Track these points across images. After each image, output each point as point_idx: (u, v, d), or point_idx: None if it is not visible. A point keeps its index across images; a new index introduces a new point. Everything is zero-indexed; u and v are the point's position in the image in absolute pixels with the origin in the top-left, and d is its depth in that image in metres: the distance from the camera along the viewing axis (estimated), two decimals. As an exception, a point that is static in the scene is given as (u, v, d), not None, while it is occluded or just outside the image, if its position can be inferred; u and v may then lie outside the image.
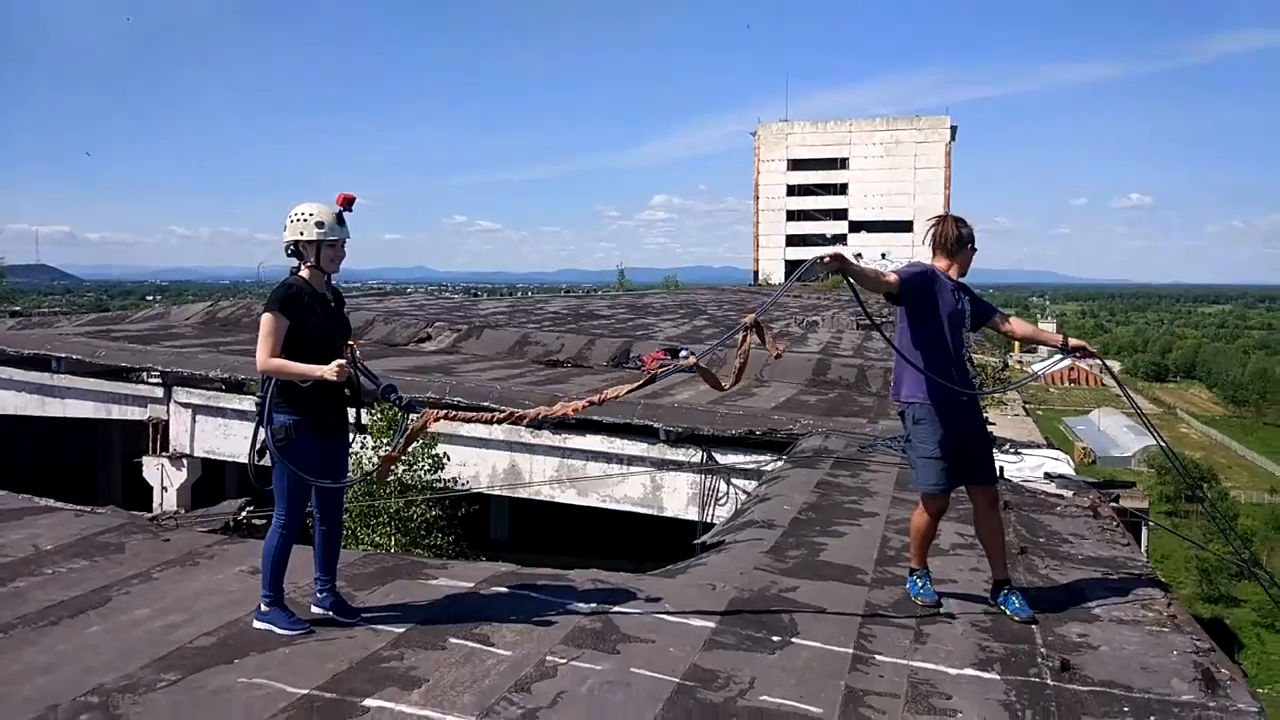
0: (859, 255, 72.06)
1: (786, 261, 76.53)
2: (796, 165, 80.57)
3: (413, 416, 4.62)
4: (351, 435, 4.57)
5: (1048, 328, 8.22)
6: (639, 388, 4.87)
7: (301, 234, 4.30)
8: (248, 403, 12.93)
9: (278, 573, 4.40)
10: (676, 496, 10.68)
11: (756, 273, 78.13)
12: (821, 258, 4.75)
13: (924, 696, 3.99)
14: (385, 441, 9.55)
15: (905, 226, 74.52)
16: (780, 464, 9.26)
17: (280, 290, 4.31)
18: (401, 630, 4.45)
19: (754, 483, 9.32)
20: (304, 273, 4.38)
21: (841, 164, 79.53)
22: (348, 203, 4.38)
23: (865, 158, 78.87)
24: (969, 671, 4.21)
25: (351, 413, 4.54)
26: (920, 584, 5.12)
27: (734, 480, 10.21)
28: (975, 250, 5.01)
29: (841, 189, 79.58)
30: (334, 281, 4.55)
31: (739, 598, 5.06)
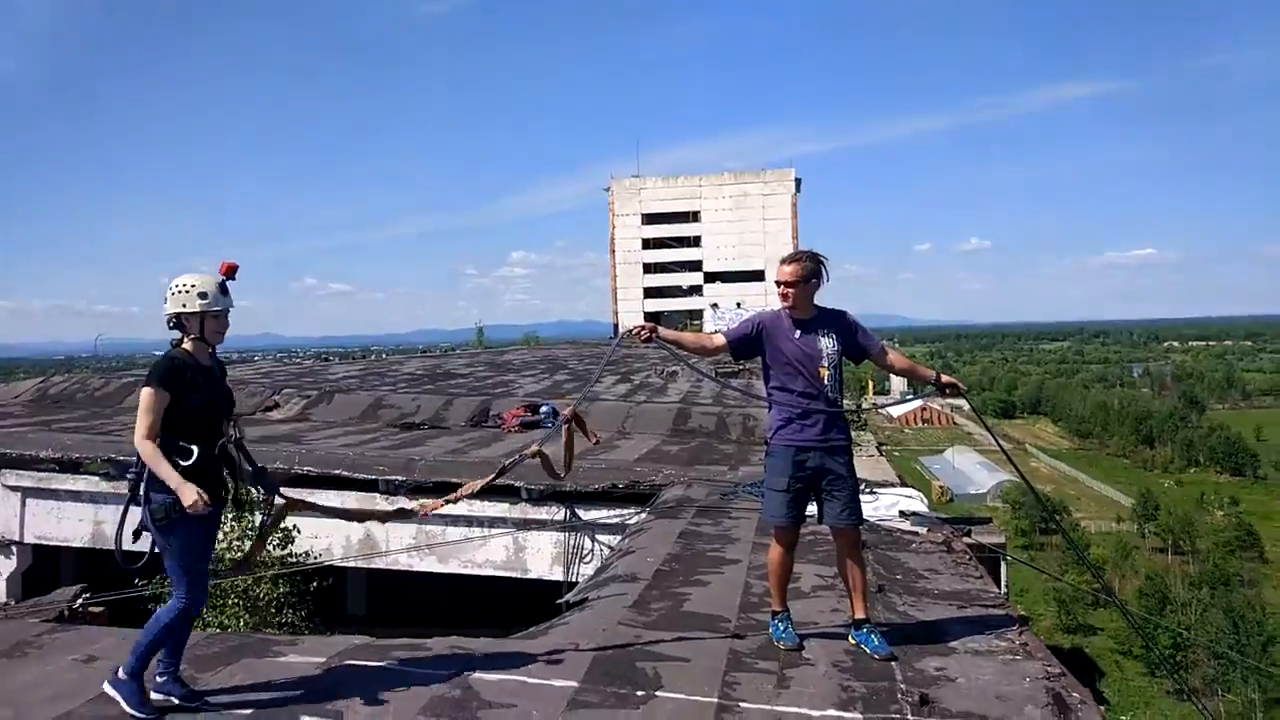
0: (715, 305, 73.86)
1: (645, 314, 77.57)
2: (650, 219, 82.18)
3: (279, 502, 4.50)
4: (228, 513, 4.45)
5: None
6: (492, 480, 5.05)
7: (184, 306, 4.22)
8: (83, 483, 12.12)
9: (156, 649, 4.16)
10: (540, 557, 10.52)
11: (616, 326, 78.79)
12: (631, 329, 4.98)
13: (788, 740, 4.05)
14: (249, 526, 9.08)
15: (758, 276, 76.78)
16: (643, 516, 9.27)
17: (163, 363, 4.18)
18: (248, 713, 4.20)
19: (618, 537, 9.29)
20: (187, 345, 4.28)
21: (694, 217, 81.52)
22: (231, 271, 4.32)
23: (716, 210, 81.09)
24: (831, 712, 4.27)
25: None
26: (781, 627, 5.20)
27: (598, 536, 10.13)
28: (807, 284, 5.03)
29: (695, 241, 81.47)
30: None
31: (602, 655, 4.99)
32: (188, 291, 4.21)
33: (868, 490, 9.85)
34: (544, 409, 15.64)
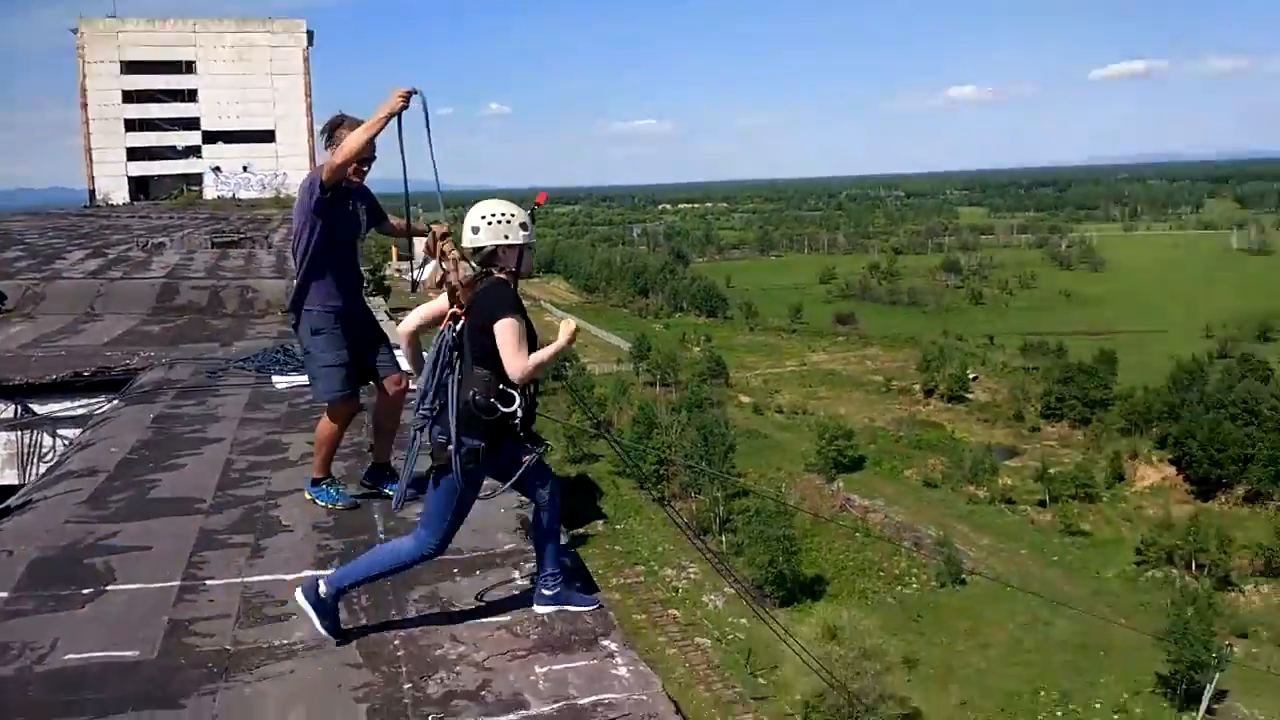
0: (217, 168, 67.78)
1: (130, 178, 68.81)
2: (133, 68, 71.58)
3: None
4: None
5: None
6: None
7: (506, 238, 3.73)
8: None
9: (373, 580, 3.87)
10: (-11, 461, 9.11)
11: (93, 193, 68.76)
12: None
13: (257, 609, 4.02)
14: None
15: (268, 136, 71.12)
16: (113, 405, 8.41)
17: (510, 293, 3.72)
18: None
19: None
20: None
21: (188, 68, 72.54)
22: (545, 201, 4.04)
23: (215, 61, 72.76)
24: (306, 573, 4.28)
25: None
26: (334, 492, 5.17)
27: (60, 431, 8.94)
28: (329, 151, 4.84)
29: (190, 96, 72.74)
30: None
31: (42, 558, 4.52)
32: (508, 222, 3.73)
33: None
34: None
